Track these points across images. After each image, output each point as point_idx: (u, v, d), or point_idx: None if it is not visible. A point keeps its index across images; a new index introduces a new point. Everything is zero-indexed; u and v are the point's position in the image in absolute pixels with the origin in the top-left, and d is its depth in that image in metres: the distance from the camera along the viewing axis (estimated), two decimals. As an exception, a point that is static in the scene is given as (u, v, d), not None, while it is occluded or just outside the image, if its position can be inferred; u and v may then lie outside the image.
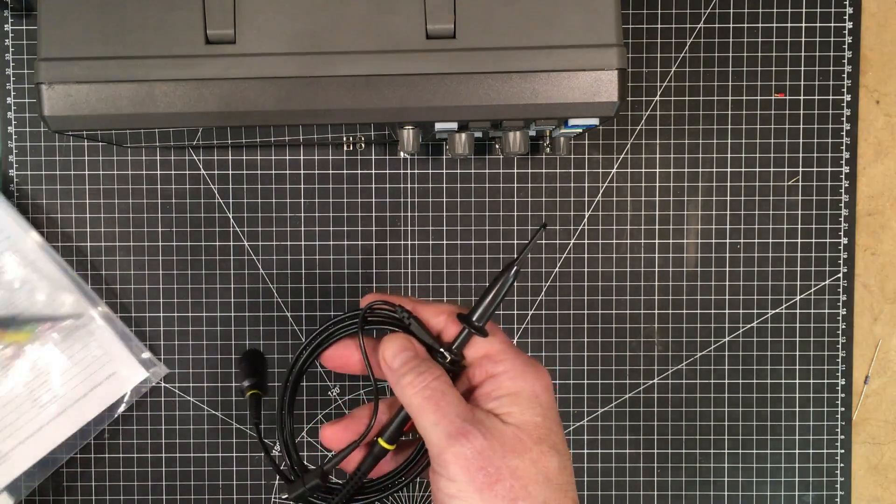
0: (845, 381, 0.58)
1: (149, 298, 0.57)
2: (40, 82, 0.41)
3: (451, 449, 0.33)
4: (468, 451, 0.33)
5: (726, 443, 0.58)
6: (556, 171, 0.57)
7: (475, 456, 0.33)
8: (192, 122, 0.42)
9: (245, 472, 0.58)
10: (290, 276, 0.57)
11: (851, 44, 0.57)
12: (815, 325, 0.58)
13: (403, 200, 0.57)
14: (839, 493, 0.58)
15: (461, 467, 0.33)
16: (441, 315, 0.38)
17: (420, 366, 0.36)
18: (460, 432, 0.33)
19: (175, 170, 0.57)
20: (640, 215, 0.58)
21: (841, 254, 0.58)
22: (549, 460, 0.34)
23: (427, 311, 0.38)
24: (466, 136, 0.47)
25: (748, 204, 0.58)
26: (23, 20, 0.56)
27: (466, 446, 0.33)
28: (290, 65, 0.41)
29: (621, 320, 0.58)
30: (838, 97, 0.57)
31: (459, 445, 0.33)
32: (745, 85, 0.57)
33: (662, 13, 0.57)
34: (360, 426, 0.39)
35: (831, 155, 0.57)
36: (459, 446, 0.33)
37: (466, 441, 0.33)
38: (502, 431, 0.34)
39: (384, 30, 0.41)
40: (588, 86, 0.42)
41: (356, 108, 0.41)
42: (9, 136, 0.56)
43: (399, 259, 0.58)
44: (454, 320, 0.37)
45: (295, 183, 0.57)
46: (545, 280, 0.58)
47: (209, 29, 0.41)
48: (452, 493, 0.33)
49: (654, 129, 0.57)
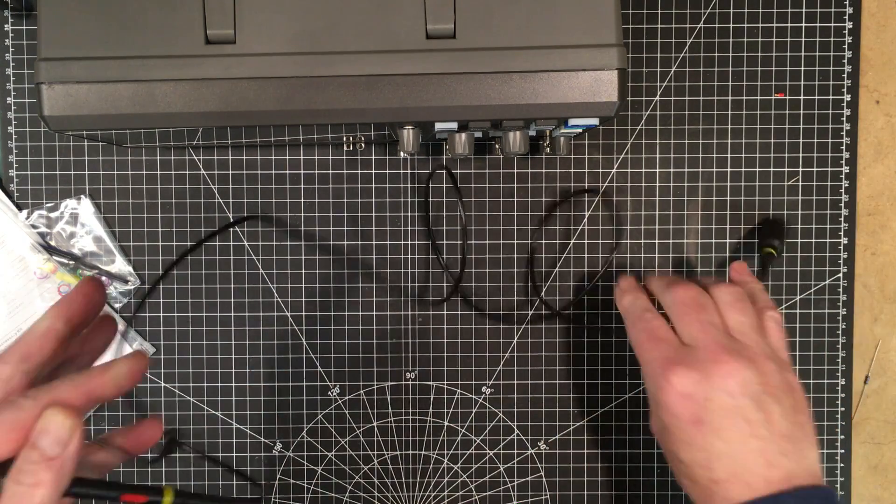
0: (845, 381, 0.58)
1: (149, 298, 0.57)
2: (40, 82, 0.41)
3: (681, 349, 0.45)
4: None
5: (726, 443, 0.58)
6: (556, 171, 0.57)
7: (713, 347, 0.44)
8: (192, 122, 0.42)
9: (245, 473, 0.58)
10: (290, 277, 0.57)
11: (851, 44, 0.57)
12: (814, 325, 0.58)
13: (403, 200, 0.57)
14: (839, 494, 0.58)
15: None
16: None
17: (646, 313, 0.48)
18: (695, 333, 0.45)
19: (175, 170, 0.57)
20: (640, 215, 0.58)
21: (841, 254, 0.58)
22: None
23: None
24: (466, 136, 0.47)
25: (748, 204, 0.58)
26: (23, 20, 0.56)
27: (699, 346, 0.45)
28: (290, 65, 0.41)
29: (622, 320, 0.58)
30: (838, 97, 0.57)
31: (691, 345, 0.45)
32: (745, 85, 0.57)
33: (662, 13, 0.57)
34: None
35: (831, 155, 0.57)
36: (692, 345, 0.45)
37: (696, 345, 0.45)
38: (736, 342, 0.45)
39: (384, 30, 0.41)
40: (588, 86, 0.42)
41: (356, 108, 0.41)
42: (9, 136, 0.56)
43: (399, 259, 0.58)
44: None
45: (295, 183, 0.57)
46: (545, 280, 0.58)
47: (209, 29, 0.41)
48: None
49: (654, 129, 0.57)
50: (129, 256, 0.57)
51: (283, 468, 0.58)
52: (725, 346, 0.43)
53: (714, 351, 0.43)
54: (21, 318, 0.56)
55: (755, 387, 0.42)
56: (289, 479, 0.58)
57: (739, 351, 0.43)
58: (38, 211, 0.56)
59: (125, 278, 0.57)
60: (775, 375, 0.43)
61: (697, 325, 0.45)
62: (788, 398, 0.43)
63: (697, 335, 0.44)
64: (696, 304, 0.46)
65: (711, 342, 0.44)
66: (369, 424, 0.58)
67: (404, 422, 0.58)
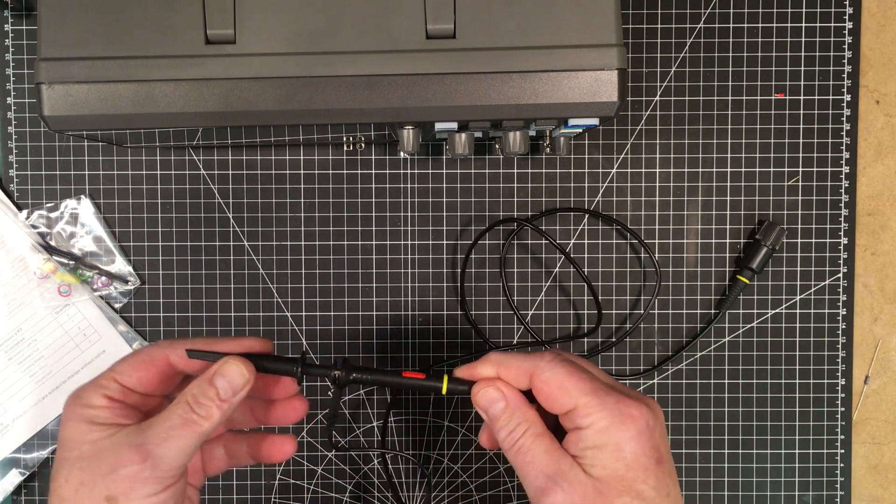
0: (845, 381, 0.58)
1: (149, 298, 0.57)
2: (40, 82, 0.41)
3: (538, 501, 0.37)
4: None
5: (726, 443, 0.58)
6: (556, 171, 0.57)
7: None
8: (192, 122, 0.42)
9: (245, 472, 0.58)
10: (290, 276, 0.57)
11: (851, 44, 0.57)
12: (815, 325, 0.58)
13: (403, 200, 0.57)
14: (839, 493, 0.58)
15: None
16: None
17: (510, 421, 0.38)
18: (543, 489, 0.37)
19: (175, 170, 0.57)
20: (640, 215, 0.58)
21: (841, 254, 0.58)
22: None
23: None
24: (466, 136, 0.47)
25: (748, 204, 0.58)
26: (23, 20, 0.56)
27: (548, 501, 0.36)
28: (290, 65, 0.41)
29: (621, 320, 0.58)
30: (838, 97, 0.57)
31: (546, 499, 0.37)
32: (745, 85, 0.57)
33: (662, 13, 0.57)
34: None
35: (831, 155, 0.57)
36: (546, 499, 0.37)
37: (547, 498, 0.36)
38: (584, 484, 0.36)
39: (384, 30, 0.41)
40: (588, 86, 0.42)
41: (356, 108, 0.41)
42: (9, 136, 0.56)
43: (399, 259, 0.58)
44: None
45: (295, 183, 0.57)
46: (545, 280, 0.58)
47: (209, 29, 0.41)
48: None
49: (654, 129, 0.57)
50: (129, 256, 0.57)
51: (283, 468, 0.58)
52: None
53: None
54: (21, 318, 0.56)
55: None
56: (289, 479, 0.58)
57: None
58: (38, 211, 0.56)
59: (125, 278, 0.57)
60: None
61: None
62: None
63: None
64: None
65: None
66: (369, 424, 0.58)
67: (404, 422, 0.58)
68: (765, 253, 0.56)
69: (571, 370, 0.38)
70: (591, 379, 0.38)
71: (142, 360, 0.39)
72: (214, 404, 0.37)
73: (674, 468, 0.38)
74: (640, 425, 0.36)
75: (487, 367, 0.40)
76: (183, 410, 0.37)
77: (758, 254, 0.56)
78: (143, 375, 0.39)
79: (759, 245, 0.56)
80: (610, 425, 0.36)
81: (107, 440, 0.36)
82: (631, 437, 0.36)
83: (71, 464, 0.36)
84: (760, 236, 0.56)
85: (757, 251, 0.56)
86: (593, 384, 0.37)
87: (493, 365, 0.39)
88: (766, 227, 0.56)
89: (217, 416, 0.37)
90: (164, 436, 0.36)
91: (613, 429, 0.36)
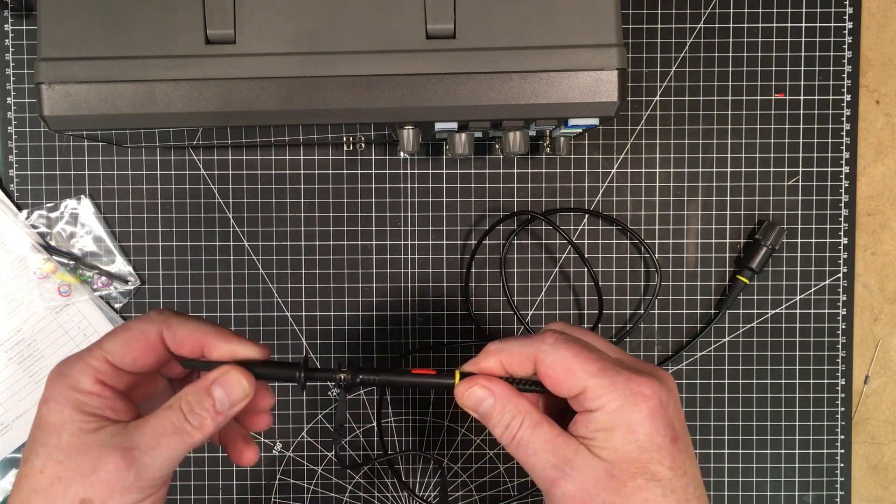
0: (845, 381, 0.58)
1: (149, 298, 0.57)
2: (40, 82, 0.41)
3: (549, 493, 0.35)
4: (564, 494, 0.34)
5: (726, 443, 0.58)
6: (556, 171, 0.57)
7: (570, 499, 0.34)
8: (192, 122, 0.42)
9: (245, 472, 0.58)
10: (290, 276, 0.57)
11: (851, 44, 0.57)
12: (815, 325, 0.58)
13: (403, 200, 0.57)
14: (839, 493, 0.58)
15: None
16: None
17: (503, 416, 0.36)
18: (552, 479, 0.35)
19: (175, 170, 0.57)
20: (641, 215, 0.58)
21: (841, 254, 0.58)
22: (647, 493, 0.34)
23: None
24: (466, 136, 0.47)
25: (748, 204, 0.58)
26: (23, 20, 0.56)
27: (559, 491, 0.35)
28: (290, 65, 0.41)
29: (621, 320, 0.58)
30: (838, 97, 0.57)
31: (556, 489, 0.35)
32: (745, 85, 0.57)
33: (662, 13, 0.57)
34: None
35: (831, 155, 0.57)
36: (556, 489, 0.35)
37: (557, 489, 0.35)
38: (594, 468, 0.34)
39: (384, 30, 0.41)
40: (588, 86, 0.42)
41: (356, 108, 0.41)
42: (9, 136, 0.56)
43: (399, 259, 0.58)
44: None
45: (295, 183, 0.57)
46: (545, 280, 0.58)
47: (209, 29, 0.41)
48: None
49: (654, 129, 0.57)
50: (129, 256, 0.57)
51: (283, 468, 0.58)
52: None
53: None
54: (21, 317, 0.56)
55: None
56: (289, 479, 0.58)
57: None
58: (38, 211, 0.56)
59: (125, 278, 0.57)
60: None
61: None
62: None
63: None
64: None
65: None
66: (369, 424, 0.58)
67: (404, 422, 0.58)
68: (765, 253, 0.56)
69: (576, 351, 0.35)
70: (598, 358, 0.35)
71: (135, 338, 0.36)
72: (209, 415, 0.35)
73: (690, 443, 0.36)
74: (653, 404, 0.34)
75: (489, 360, 0.37)
76: (176, 418, 0.35)
77: (758, 254, 0.56)
78: (137, 356, 0.36)
79: (758, 245, 0.56)
80: (621, 406, 0.34)
81: (91, 436, 0.34)
82: (644, 418, 0.34)
83: (49, 453, 0.34)
84: (760, 236, 0.56)
85: (757, 251, 0.56)
86: (601, 363, 0.35)
87: (494, 355, 0.37)
88: (765, 227, 0.56)
89: (211, 429, 0.35)
90: (152, 443, 0.34)
91: (625, 410, 0.34)
